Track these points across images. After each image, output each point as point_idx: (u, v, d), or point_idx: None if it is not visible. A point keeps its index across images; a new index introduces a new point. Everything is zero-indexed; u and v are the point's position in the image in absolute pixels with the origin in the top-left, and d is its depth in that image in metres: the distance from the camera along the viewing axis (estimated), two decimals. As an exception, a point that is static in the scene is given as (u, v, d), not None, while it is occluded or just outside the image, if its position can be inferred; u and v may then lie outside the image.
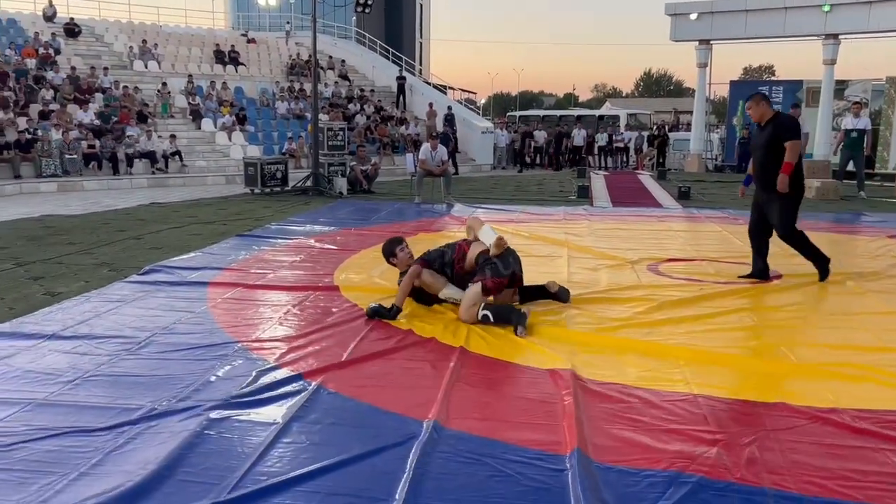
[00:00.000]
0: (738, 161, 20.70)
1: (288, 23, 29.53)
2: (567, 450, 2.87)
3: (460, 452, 2.85)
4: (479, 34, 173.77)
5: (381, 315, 4.69)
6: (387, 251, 5.18)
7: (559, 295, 5.12)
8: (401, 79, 24.15)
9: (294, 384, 3.55)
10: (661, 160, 21.90)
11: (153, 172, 16.38)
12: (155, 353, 3.96)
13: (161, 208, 10.67)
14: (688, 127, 27.24)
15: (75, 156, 15.53)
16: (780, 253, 7.13)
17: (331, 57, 25.69)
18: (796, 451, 2.89)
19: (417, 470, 2.69)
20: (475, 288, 4.62)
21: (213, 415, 3.15)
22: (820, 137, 18.00)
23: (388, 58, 26.96)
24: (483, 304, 4.61)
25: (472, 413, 3.26)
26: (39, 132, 15.54)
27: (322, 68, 24.30)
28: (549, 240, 8.02)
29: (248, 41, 25.94)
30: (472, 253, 4.86)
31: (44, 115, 16.66)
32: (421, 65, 38.58)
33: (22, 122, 15.85)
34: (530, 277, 5.86)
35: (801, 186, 5.82)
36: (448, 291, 4.87)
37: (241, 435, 2.97)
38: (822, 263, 6.01)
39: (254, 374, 3.67)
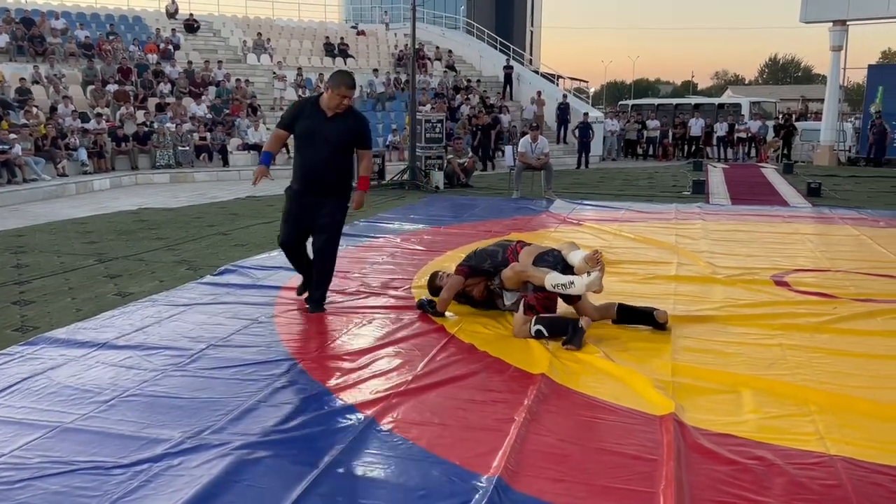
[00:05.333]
0: (869, 150, 18.94)
1: (386, 13, 29.55)
2: (661, 531, 2.27)
3: (523, 527, 2.30)
4: (592, 20, 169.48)
5: (424, 309, 4.62)
6: (431, 289, 4.83)
7: (665, 328, 4.31)
8: (508, 68, 23.49)
9: (344, 417, 3.09)
10: (786, 152, 20.28)
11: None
12: (203, 370, 3.62)
13: (256, 202, 10.59)
14: (817, 116, 25.12)
15: (187, 147, 15.95)
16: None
17: (438, 47, 25.37)
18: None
19: (467, 550, 2.16)
20: (521, 308, 4.21)
21: (244, 454, 2.73)
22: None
23: (495, 47, 26.36)
24: (535, 318, 4.10)
25: (547, 468, 2.68)
26: (156, 125, 16.06)
27: (429, 59, 24.01)
28: (656, 243, 7.23)
29: (358, 33, 26.04)
30: (524, 261, 4.28)
31: (160, 108, 17.23)
32: (531, 54, 37.79)
33: (140, 116, 16.44)
34: (629, 290, 5.20)
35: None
36: (554, 278, 4.08)
37: (267, 484, 2.54)
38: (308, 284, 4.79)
39: (302, 401, 3.25)
